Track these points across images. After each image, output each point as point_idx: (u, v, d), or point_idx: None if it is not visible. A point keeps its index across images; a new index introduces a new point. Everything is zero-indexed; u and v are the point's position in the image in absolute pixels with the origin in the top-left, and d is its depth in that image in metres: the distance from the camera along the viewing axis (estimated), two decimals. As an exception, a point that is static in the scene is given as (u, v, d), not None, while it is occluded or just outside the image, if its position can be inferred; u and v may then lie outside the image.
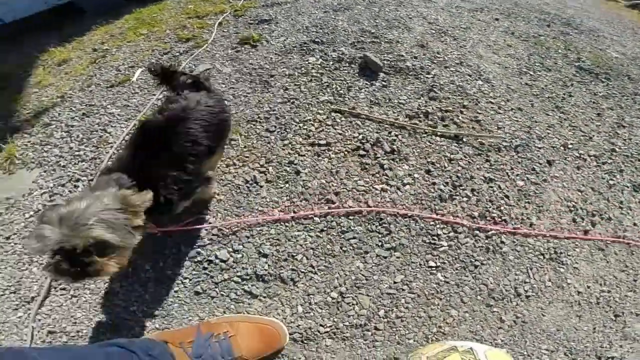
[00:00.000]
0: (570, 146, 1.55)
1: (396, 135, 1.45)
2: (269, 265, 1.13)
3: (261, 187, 1.30)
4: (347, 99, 1.58)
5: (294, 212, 1.23)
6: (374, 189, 1.30)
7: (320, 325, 1.04)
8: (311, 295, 1.09)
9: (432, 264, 1.15)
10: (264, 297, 1.09)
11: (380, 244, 1.18)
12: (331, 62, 1.75)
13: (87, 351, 0.82)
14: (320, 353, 1.01)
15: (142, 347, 0.86)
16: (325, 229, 1.20)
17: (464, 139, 1.47)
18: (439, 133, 1.47)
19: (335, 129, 1.47)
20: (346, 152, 1.39)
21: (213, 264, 1.14)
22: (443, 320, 1.07)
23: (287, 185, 1.31)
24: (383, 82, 1.66)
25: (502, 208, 1.29)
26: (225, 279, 1.11)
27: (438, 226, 1.22)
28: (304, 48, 1.84)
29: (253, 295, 1.09)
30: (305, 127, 1.47)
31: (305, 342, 1.02)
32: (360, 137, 1.43)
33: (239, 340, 0.95)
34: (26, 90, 1.97)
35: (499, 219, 1.26)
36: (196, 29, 2.11)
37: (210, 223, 1.22)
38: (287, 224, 1.21)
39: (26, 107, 1.85)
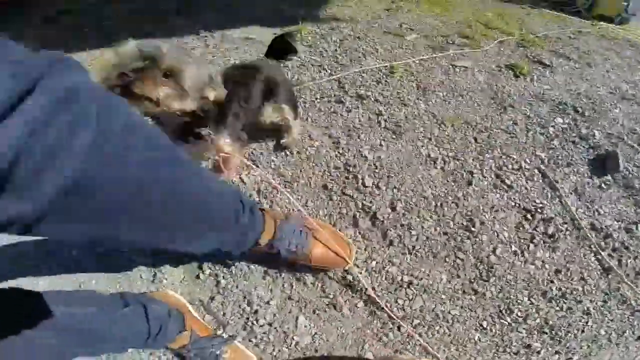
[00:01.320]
0: None
1: (567, 230, 1.33)
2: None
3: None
4: (557, 170, 1.50)
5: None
6: (509, 247, 1.27)
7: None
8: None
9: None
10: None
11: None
12: (574, 134, 1.64)
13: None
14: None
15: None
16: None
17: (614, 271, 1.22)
18: (599, 257, 1.27)
19: (526, 182, 1.45)
20: (516, 204, 1.38)
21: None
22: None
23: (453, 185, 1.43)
24: (603, 184, 1.48)
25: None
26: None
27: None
28: (559, 107, 1.77)
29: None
30: (502, 161, 1.51)
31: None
32: (540, 205, 1.38)
33: (318, 241, 1.05)
34: (335, 3, 2.54)
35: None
36: (479, 33, 2.25)
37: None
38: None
39: (328, 13, 2.42)
